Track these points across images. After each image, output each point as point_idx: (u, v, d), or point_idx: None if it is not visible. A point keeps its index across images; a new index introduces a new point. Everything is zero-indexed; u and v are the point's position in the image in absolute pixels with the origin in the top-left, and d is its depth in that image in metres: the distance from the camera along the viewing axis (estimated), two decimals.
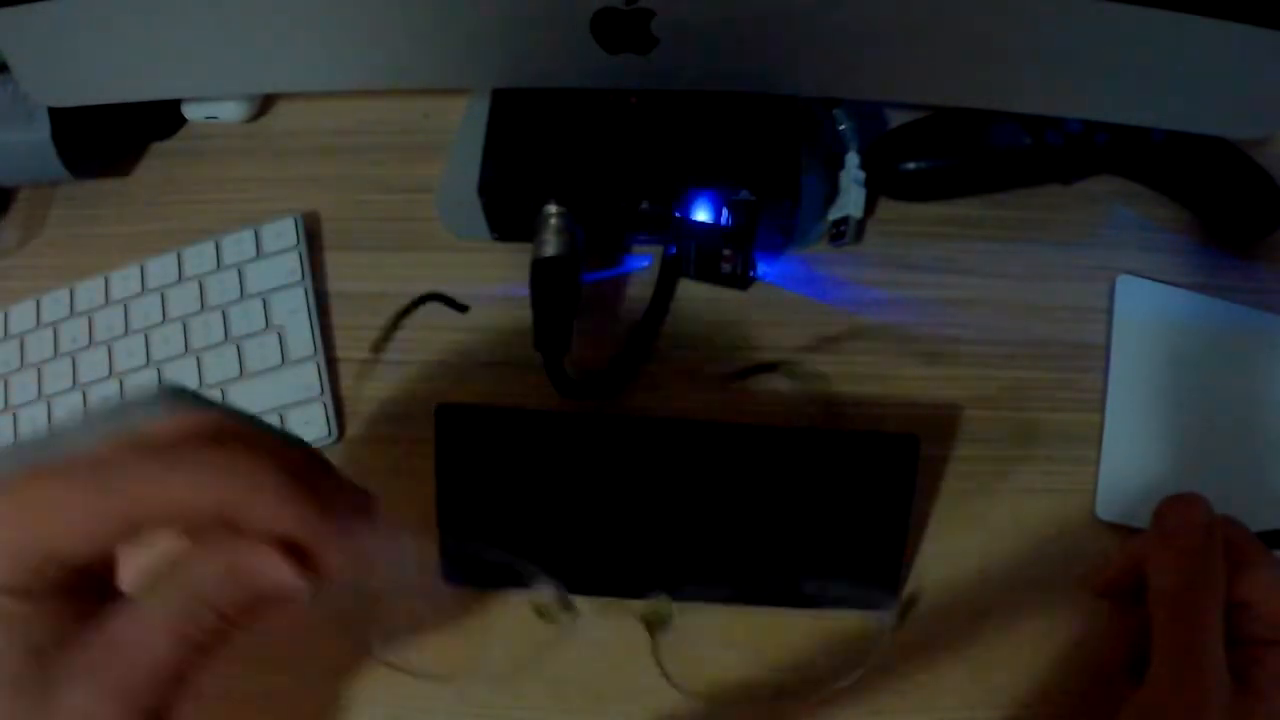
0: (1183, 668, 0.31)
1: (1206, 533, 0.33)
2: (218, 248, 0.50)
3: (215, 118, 0.55)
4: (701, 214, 0.46)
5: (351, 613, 0.39)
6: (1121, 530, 0.43)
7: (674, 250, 0.48)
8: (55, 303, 0.50)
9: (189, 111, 0.55)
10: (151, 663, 0.23)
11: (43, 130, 0.50)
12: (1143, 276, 0.49)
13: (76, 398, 0.48)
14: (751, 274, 0.49)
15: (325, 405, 0.47)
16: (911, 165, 0.49)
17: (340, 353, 0.49)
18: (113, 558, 0.25)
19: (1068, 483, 0.45)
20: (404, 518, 0.44)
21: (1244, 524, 0.34)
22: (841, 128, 0.50)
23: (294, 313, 0.48)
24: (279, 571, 0.24)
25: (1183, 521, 0.33)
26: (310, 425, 0.46)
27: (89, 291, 0.50)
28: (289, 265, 0.49)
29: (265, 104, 0.56)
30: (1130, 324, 0.47)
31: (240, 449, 0.24)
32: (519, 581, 0.44)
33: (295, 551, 0.25)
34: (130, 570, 0.26)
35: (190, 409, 0.26)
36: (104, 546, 0.24)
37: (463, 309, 0.41)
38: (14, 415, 0.48)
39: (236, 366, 0.47)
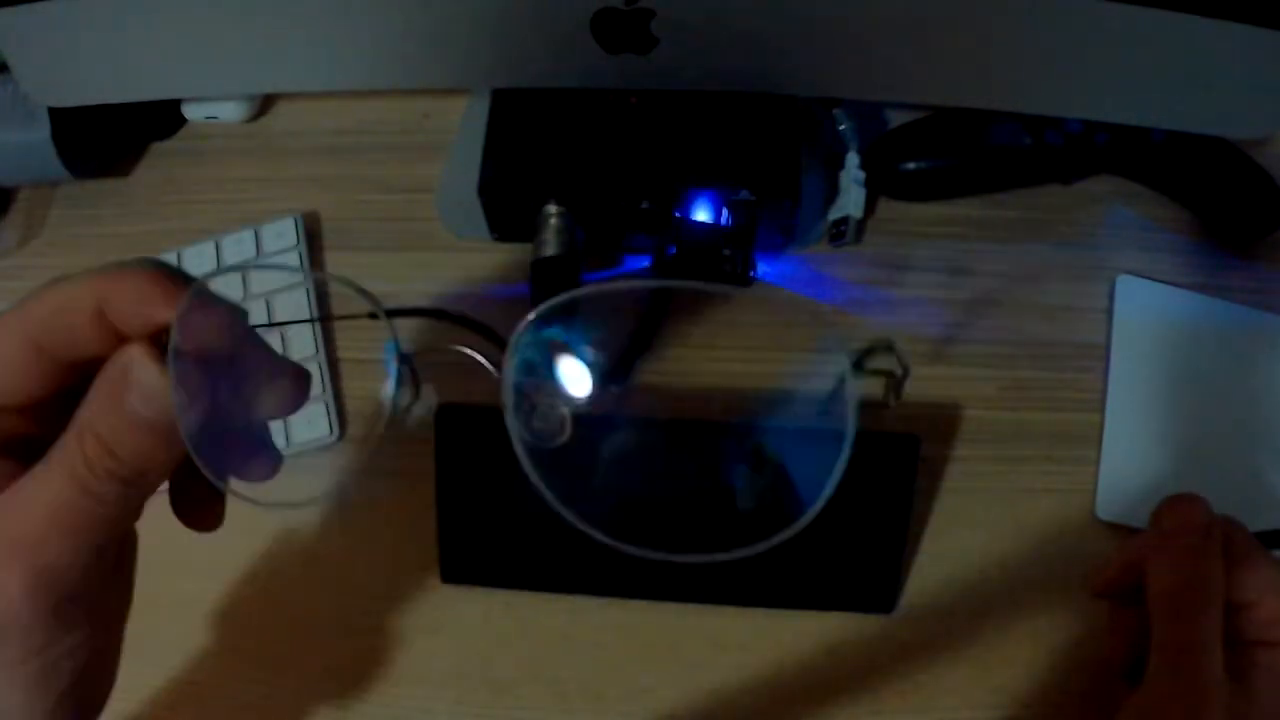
0: (1181, 668, 0.31)
1: (1205, 533, 0.33)
2: (218, 248, 0.50)
3: (215, 118, 0.55)
4: (701, 214, 0.46)
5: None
6: (1121, 530, 0.43)
7: (674, 250, 0.48)
8: None
9: (189, 111, 0.55)
10: (46, 514, 0.23)
11: (43, 130, 0.50)
12: (1143, 276, 0.49)
13: None
14: (751, 274, 0.49)
15: (326, 405, 0.47)
16: (911, 165, 0.49)
17: (340, 353, 0.49)
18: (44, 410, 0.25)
19: (1068, 483, 0.45)
20: (403, 517, 0.44)
21: (1243, 524, 0.34)
22: (841, 128, 0.49)
23: (294, 313, 0.48)
24: (140, 367, 0.24)
25: (1181, 522, 0.33)
26: (311, 425, 0.46)
27: None
28: (289, 265, 0.49)
29: (265, 104, 0.56)
30: (1130, 324, 0.47)
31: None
32: (519, 582, 0.44)
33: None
34: None
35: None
36: (19, 385, 0.25)
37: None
38: None
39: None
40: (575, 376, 0.30)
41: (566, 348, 0.30)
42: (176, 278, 0.25)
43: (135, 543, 0.28)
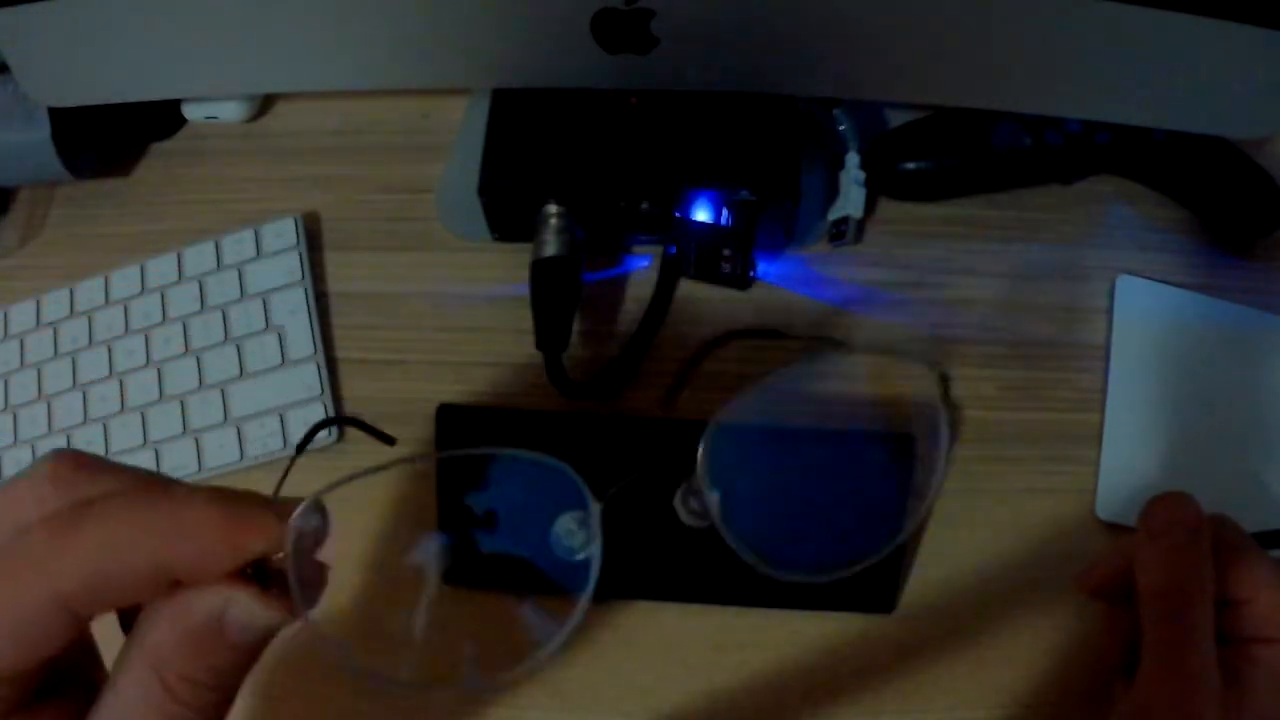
0: (1171, 666, 0.31)
1: (1193, 531, 0.33)
2: (218, 248, 0.50)
3: (215, 118, 0.55)
4: (701, 214, 0.46)
5: None
6: (1121, 530, 0.43)
7: (674, 250, 0.48)
8: (55, 303, 0.50)
9: (189, 111, 0.55)
10: None
11: (43, 130, 0.50)
12: (1143, 276, 0.49)
13: (77, 398, 0.48)
14: (751, 274, 0.49)
15: (325, 405, 0.47)
16: (911, 165, 0.49)
17: (340, 353, 0.49)
18: (74, 647, 0.23)
19: (1068, 483, 0.45)
20: (404, 517, 0.44)
21: (1236, 522, 0.34)
22: (841, 128, 0.49)
23: (294, 313, 0.48)
24: (247, 612, 0.22)
25: (1169, 520, 0.33)
26: (310, 426, 0.46)
27: (89, 291, 0.50)
28: (289, 265, 0.49)
29: (265, 104, 0.56)
30: (1130, 324, 0.47)
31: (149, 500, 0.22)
32: (519, 582, 0.44)
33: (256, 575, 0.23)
34: None
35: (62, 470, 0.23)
36: (36, 651, 0.21)
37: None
38: (14, 415, 0.48)
39: (236, 366, 0.47)
40: None
41: None
42: (230, 499, 0.23)
43: None
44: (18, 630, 0.21)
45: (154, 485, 0.23)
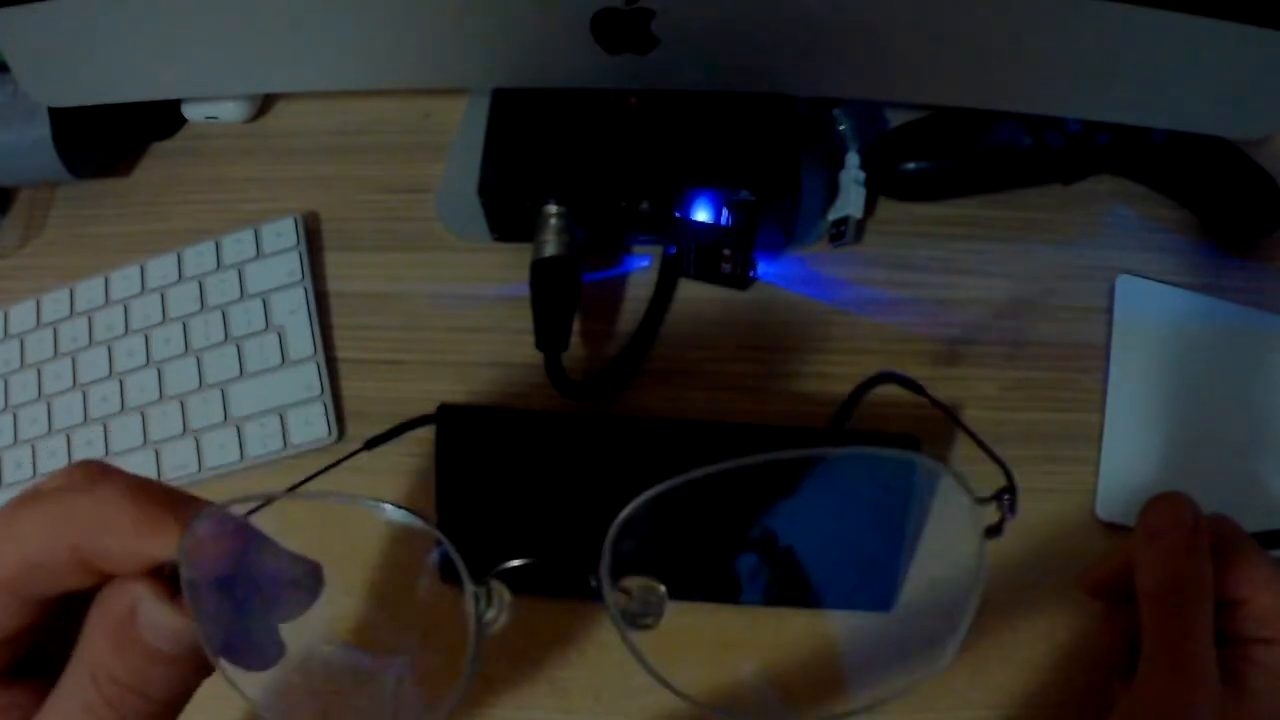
0: (1170, 665, 0.31)
1: (1191, 530, 0.33)
2: (218, 248, 0.50)
3: (215, 118, 0.55)
4: (701, 214, 0.46)
5: None
6: (1121, 530, 0.43)
7: (674, 250, 0.48)
8: (55, 303, 0.50)
9: (189, 111, 0.55)
10: None
11: (43, 130, 0.50)
12: (1143, 276, 0.49)
13: (77, 398, 0.48)
14: (751, 274, 0.49)
15: (325, 405, 0.47)
16: (911, 165, 0.49)
17: (340, 353, 0.49)
18: (35, 629, 0.24)
19: (1068, 483, 0.45)
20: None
21: (1235, 521, 0.34)
22: (841, 128, 0.50)
23: (294, 313, 0.48)
24: (151, 608, 0.23)
25: (1167, 520, 0.33)
26: (310, 425, 0.46)
27: (89, 291, 0.50)
28: (289, 265, 0.49)
29: (265, 104, 0.56)
30: (1130, 324, 0.47)
31: (77, 489, 0.24)
32: (519, 583, 0.44)
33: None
34: None
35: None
36: None
37: None
38: (14, 415, 0.48)
39: (236, 366, 0.47)
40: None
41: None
42: (151, 499, 0.24)
43: None
44: None
45: (91, 479, 0.24)
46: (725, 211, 0.46)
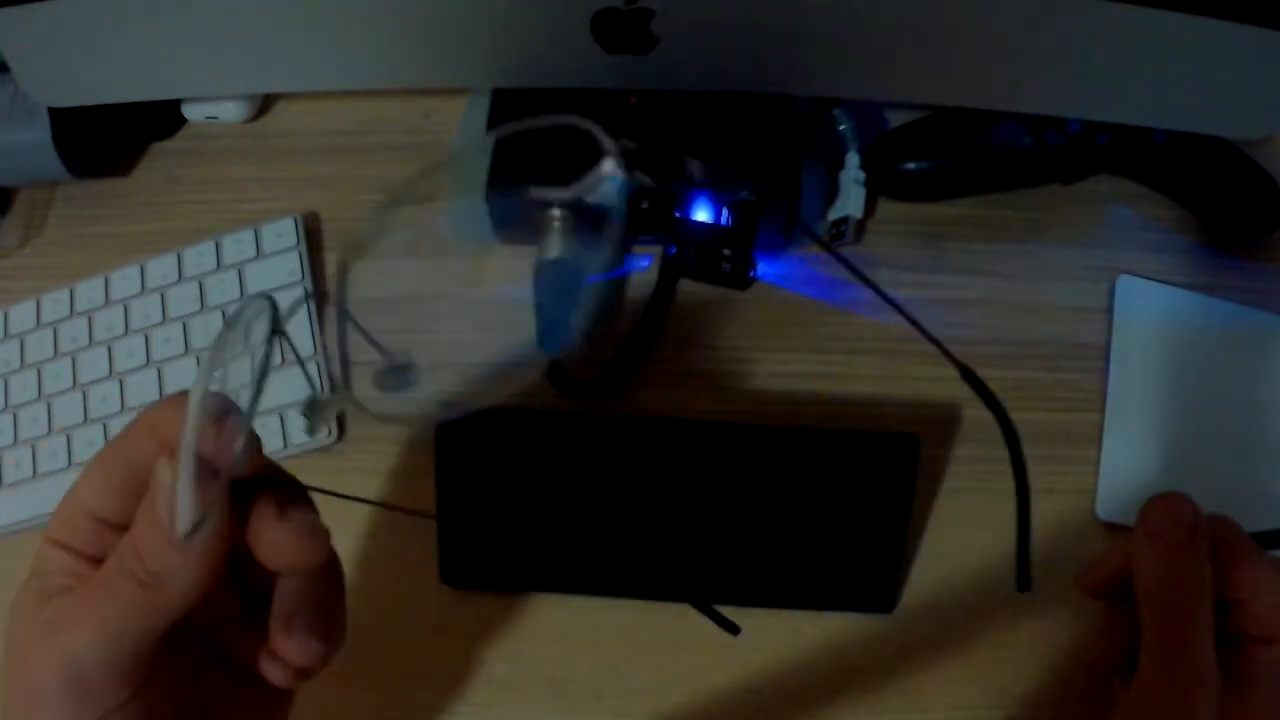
0: (1170, 665, 0.31)
1: (1190, 530, 0.33)
2: (218, 248, 0.50)
3: (215, 118, 0.55)
4: (701, 214, 0.46)
5: None
6: (1121, 530, 0.43)
7: (674, 250, 0.48)
8: (55, 303, 0.50)
9: (189, 111, 0.55)
10: (80, 605, 0.26)
11: (43, 130, 0.50)
12: (1143, 276, 0.49)
13: (77, 398, 0.48)
14: (751, 274, 0.49)
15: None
16: (911, 165, 0.49)
17: (340, 353, 0.49)
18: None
19: (1068, 483, 0.45)
20: (403, 518, 0.44)
21: (1235, 521, 0.34)
22: (841, 128, 0.49)
23: (294, 313, 0.48)
24: (159, 470, 0.25)
25: (1166, 520, 0.33)
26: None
27: (89, 291, 0.50)
28: (289, 265, 0.49)
29: (265, 104, 0.56)
30: (1130, 324, 0.47)
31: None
32: (519, 583, 0.44)
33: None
34: None
35: None
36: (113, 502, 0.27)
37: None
38: (14, 415, 0.48)
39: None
40: None
41: None
42: (211, 401, 0.26)
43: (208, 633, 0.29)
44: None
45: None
46: (725, 211, 0.46)
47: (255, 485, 0.26)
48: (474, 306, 0.49)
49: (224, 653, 0.29)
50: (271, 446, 0.46)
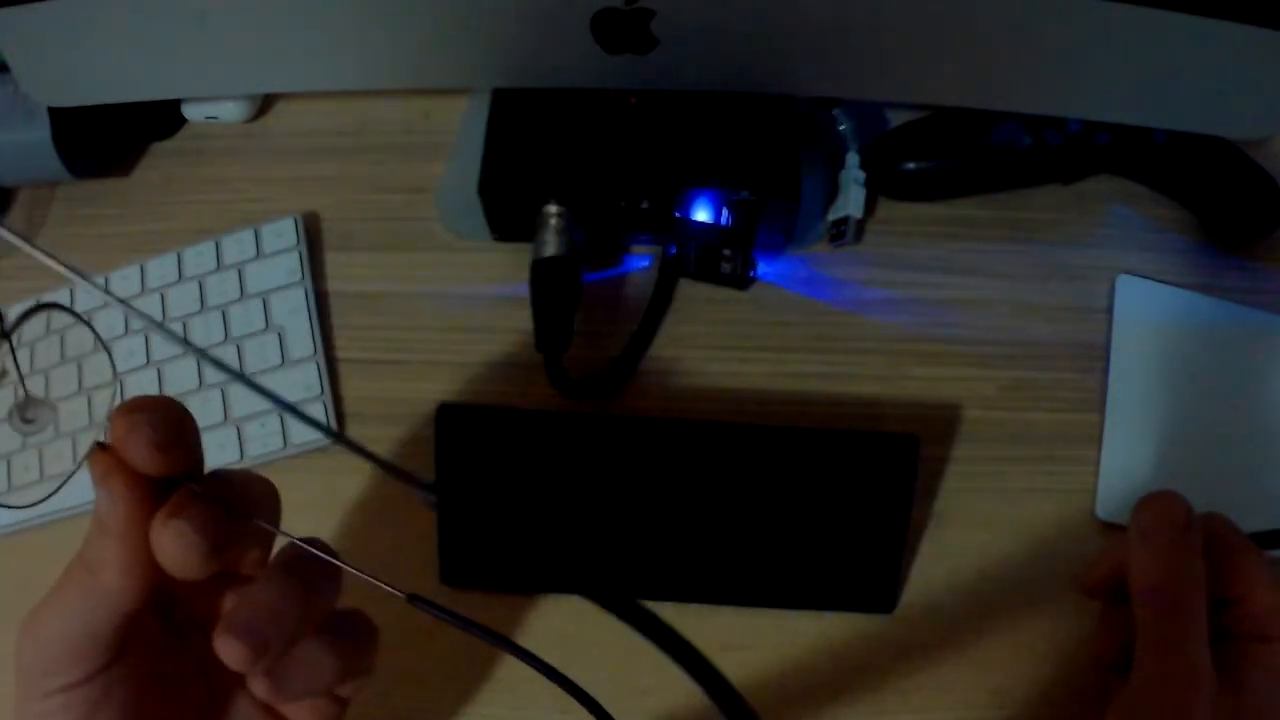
0: (1164, 663, 0.31)
1: (1183, 528, 0.33)
2: (218, 248, 0.50)
3: (215, 118, 0.55)
4: (701, 214, 0.46)
5: None
6: (1121, 530, 0.43)
7: (674, 250, 0.48)
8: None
9: (189, 111, 0.55)
10: (54, 590, 0.27)
11: (43, 130, 0.50)
12: (1143, 276, 0.49)
13: (82, 402, 0.48)
14: (751, 274, 0.49)
15: (325, 405, 0.47)
16: (911, 165, 0.49)
17: (340, 353, 0.49)
18: None
19: (1068, 483, 0.45)
20: (403, 518, 0.44)
21: (1232, 521, 0.34)
22: (841, 128, 0.49)
23: (294, 313, 0.48)
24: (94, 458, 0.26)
25: (1159, 518, 0.33)
26: (310, 426, 0.46)
27: (89, 291, 0.50)
28: (289, 265, 0.49)
29: (265, 104, 0.56)
30: (1130, 324, 0.47)
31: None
32: (519, 583, 0.44)
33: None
34: None
35: None
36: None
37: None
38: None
39: (236, 366, 0.47)
40: None
41: None
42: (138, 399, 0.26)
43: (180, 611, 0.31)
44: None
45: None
46: (725, 211, 0.46)
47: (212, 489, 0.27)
48: (471, 305, 0.49)
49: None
50: (271, 446, 0.46)
